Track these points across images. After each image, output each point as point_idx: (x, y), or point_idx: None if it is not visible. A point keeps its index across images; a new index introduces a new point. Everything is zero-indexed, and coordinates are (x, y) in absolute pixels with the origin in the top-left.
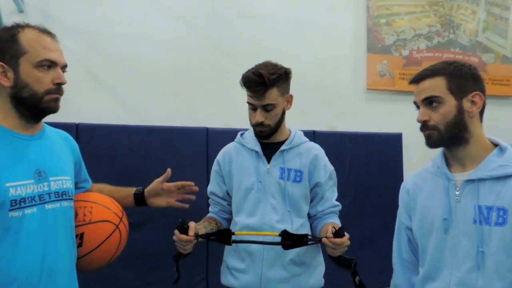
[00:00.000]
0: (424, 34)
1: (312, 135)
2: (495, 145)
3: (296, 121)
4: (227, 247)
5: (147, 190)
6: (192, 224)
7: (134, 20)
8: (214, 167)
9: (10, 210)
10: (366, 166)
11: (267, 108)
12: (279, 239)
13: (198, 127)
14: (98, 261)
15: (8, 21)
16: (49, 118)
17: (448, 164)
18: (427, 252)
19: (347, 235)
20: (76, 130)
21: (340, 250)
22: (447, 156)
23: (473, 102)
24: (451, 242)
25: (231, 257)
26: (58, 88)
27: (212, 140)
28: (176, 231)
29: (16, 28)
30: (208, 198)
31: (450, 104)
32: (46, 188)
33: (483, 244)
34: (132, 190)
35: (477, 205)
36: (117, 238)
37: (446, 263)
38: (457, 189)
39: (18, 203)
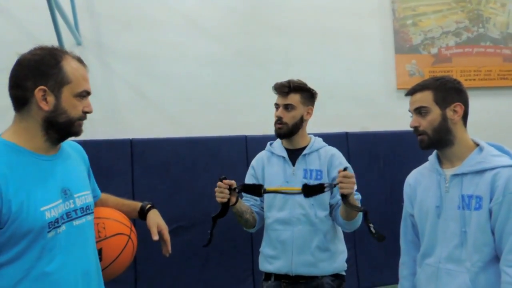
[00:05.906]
0: (452, 31)
1: (345, 137)
2: (477, 145)
3: (330, 124)
4: (264, 240)
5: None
6: (230, 180)
7: (175, 41)
8: (250, 171)
9: (48, 231)
10: (399, 164)
11: (287, 108)
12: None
13: (238, 136)
14: (117, 271)
15: None
16: (105, 135)
17: (440, 162)
18: (425, 234)
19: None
20: (131, 145)
21: (350, 185)
22: (439, 155)
23: (455, 111)
24: (442, 225)
25: (266, 247)
26: (85, 116)
27: (250, 146)
28: (218, 182)
29: (59, 55)
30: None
31: (435, 113)
32: (72, 206)
33: (465, 225)
34: (136, 205)
35: (461, 194)
36: (131, 247)
37: (438, 241)
38: (446, 182)
39: (53, 224)
